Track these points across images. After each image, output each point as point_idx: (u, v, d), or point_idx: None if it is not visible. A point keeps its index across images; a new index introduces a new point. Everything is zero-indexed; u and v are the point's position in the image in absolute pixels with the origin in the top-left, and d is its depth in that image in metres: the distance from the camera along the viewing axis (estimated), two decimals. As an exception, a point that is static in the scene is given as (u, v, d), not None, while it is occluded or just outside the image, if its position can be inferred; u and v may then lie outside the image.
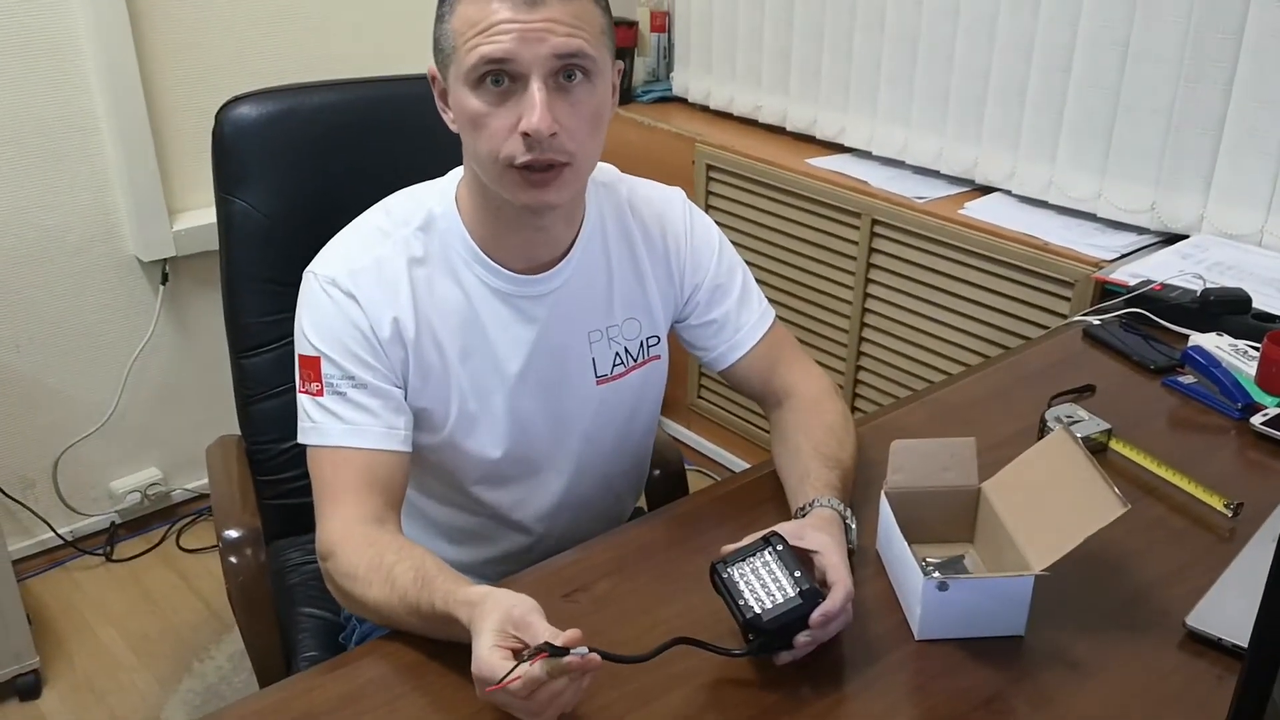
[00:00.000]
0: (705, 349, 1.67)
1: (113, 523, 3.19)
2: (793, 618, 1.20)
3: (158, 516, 3.28)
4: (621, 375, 1.60)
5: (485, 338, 1.49)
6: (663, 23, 3.59)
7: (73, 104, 2.78)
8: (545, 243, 1.49)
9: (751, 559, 1.26)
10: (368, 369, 1.42)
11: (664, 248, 1.60)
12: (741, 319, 1.64)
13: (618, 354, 1.59)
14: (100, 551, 3.15)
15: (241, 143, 1.84)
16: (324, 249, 1.48)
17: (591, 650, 1.09)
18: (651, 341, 1.62)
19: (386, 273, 1.44)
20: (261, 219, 1.84)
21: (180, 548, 3.20)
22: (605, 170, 1.60)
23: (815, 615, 1.20)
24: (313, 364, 1.43)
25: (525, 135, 1.31)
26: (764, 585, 1.23)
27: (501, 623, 1.13)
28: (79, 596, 2.99)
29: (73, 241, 2.88)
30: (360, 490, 1.39)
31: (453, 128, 1.41)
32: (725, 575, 1.25)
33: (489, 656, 1.10)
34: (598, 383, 1.58)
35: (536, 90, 1.29)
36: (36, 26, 2.68)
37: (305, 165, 1.87)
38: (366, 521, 1.37)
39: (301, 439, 1.44)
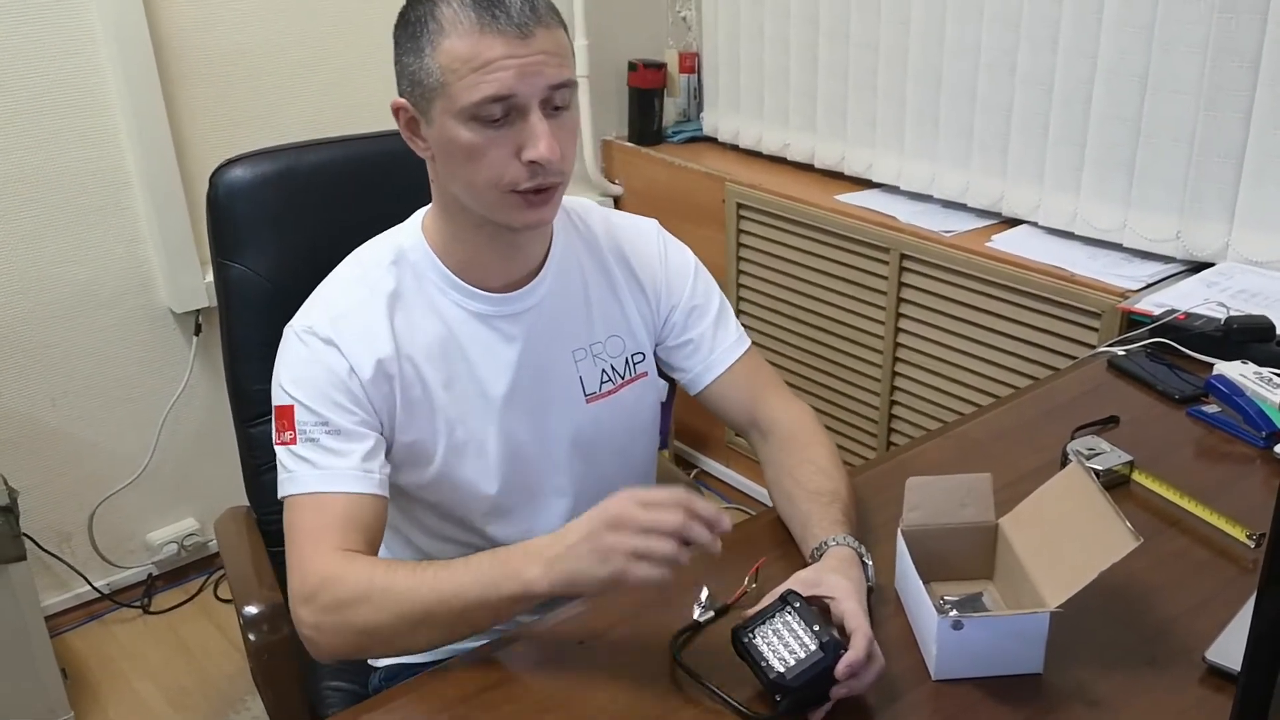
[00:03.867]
0: (683, 370, 1.68)
1: (150, 574, 3.21)
2: (816, 671, 1.19)
3: (195, 567, 3.29)
4: (612, 392, 1.61)
5: (467, 362, 1.51)
6: (692, 64, 3.63)
7: (104, 159, 2.82)
8: (521, 258, 1.52)
9: (771, 620, 1.25)
10: (342, 412, 1.42)
11: (639, 270, 1.64)
12: (717, 340, 1.66)
13: (605, 371, 1.60)
14: (137, 604, 3.16)
15: (236, 206, 1.83)
16: (302, 306, 1.50)
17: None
18: (637, 358, 1.64)
19: (367, 315, 1.46)
20: (261, 282, 1.83)
21: (218, 598, 3.21)
22: (581, 203, 1.66)
23: (841, 667, 1.18)
24: (286, 412, 1.43)
25: (531, 163, 1.35)
26: (784, 644, 1.22)
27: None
28: (115, 649, 3.01)
29: (106, 295, 2.92)
30: (341, 530, 1.38)
31: (423, 155, 1.45)
32: (747, 639, 1.24)
33: (620, 500, 1.23)
34: (588, 401, 1.59)
35: (538, 122, 1.34)
36: (67, 83, 2.72)
37: (303, 225, 1.86)
38: (352, 553, 1.37)
39: (280, 492, 1.44)
